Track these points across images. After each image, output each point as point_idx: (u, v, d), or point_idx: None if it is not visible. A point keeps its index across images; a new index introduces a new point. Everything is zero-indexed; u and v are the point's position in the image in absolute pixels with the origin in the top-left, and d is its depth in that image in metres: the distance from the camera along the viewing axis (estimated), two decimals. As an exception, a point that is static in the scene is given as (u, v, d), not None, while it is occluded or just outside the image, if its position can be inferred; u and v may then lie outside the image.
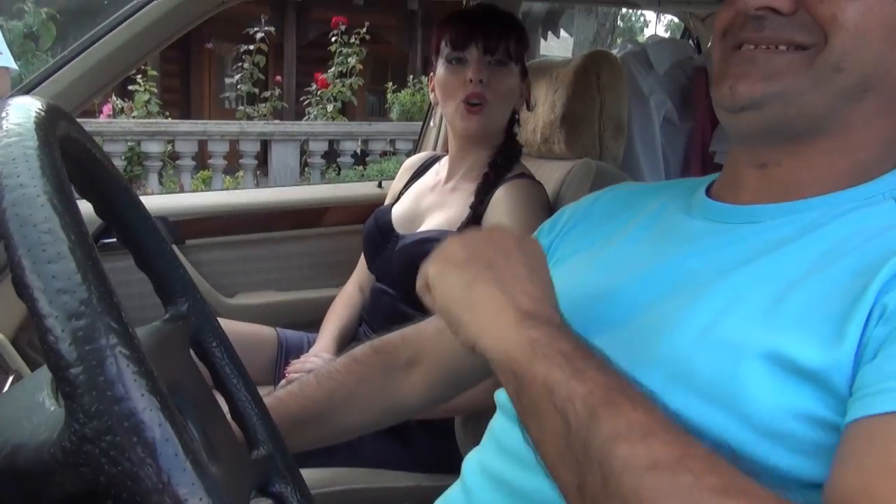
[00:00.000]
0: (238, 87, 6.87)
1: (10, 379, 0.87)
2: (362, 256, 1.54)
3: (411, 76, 8.43)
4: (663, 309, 0.58)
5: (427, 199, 1.45)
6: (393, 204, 1.52)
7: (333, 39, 6.90)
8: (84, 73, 1.48)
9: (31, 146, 0.40)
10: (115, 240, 0.63)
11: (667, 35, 3.11)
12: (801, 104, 0.56)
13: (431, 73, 1.43)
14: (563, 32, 9.99)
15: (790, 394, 0.48)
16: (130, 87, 6.31)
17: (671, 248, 0.63)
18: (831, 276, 0.51)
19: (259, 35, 6.52)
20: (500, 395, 0.71)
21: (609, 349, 0.52)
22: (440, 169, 1.50)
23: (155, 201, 1.82)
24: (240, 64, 6.81)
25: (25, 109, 0.43)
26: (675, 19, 2.68)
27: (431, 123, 1.96)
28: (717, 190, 0.67)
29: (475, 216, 1.30)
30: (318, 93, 6.93)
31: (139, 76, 6.12)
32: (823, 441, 0.47)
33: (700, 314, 0.55)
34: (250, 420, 0.65)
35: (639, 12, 17.76)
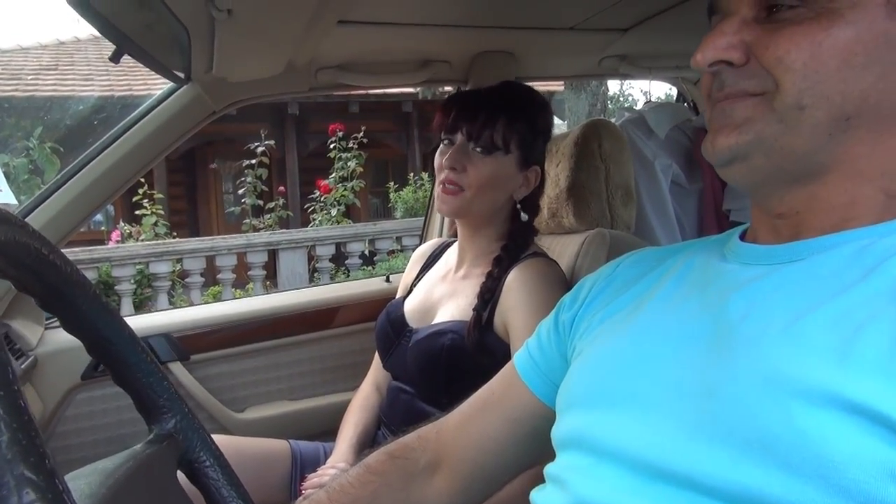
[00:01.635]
0: (243, 200, 6.99)
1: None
2: (377, 354, 1.46)
3: (412, 174, 8.57)
4: (717, 366, 0.51)
5: (439, 288, 1.38)
6: (405, 297, 1.45)
7: (332, 146, 7.08)
8: (76, 196, 1.47)
9: None
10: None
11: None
12: (781, 149, 0.53)
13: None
14: (556, 119, 10.23)
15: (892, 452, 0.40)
16: (138, 212, 6.42)
17: (713, 298, 0.57)
18: None
19: (260, 149, 6.69)
20: (537, 497, 0.61)
21: (661, 425, 0.46)
22: (450, 256, 1.44)
23: (156, 318, 1.76)
24: (243, 179, 6.96)
25: None
26: (663, 96, 2.70)
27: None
28: (750, 234, 0.62)
29: (487, 303, 1.23)
30: (322, 198, 7.04)
31: (146, 200, 6.24)
32: None
33: (762, 366, 0.48)
34: (252, 552, 0.56)
35: (627, 92, 18.29)
